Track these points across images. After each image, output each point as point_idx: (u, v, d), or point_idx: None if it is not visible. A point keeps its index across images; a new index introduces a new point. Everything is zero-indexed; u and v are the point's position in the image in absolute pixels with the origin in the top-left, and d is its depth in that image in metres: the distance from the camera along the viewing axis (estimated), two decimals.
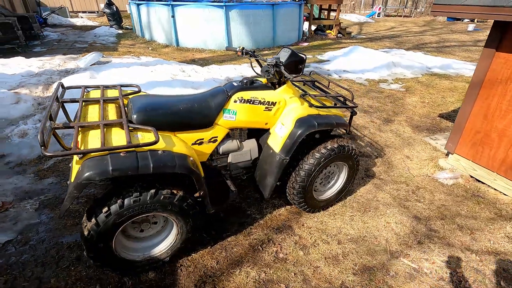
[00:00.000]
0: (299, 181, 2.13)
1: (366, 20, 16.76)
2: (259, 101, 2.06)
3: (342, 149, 2.17)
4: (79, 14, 14.56)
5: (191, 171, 1.61)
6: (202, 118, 1.93)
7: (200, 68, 5.90)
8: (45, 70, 4.99)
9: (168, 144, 1.64)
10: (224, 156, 2.19)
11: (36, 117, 3.67)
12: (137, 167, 1.44)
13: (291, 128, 1.99)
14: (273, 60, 2.00)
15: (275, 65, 2.01)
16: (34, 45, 7.84)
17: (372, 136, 3.69)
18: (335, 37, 10.76)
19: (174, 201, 1.64)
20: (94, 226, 1.49)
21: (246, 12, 7.85)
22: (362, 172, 2.95)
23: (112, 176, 1.39)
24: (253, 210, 2.42)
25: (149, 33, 8.93)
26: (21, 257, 1.91)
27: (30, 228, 2.14)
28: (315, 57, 7.52)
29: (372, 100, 4.88)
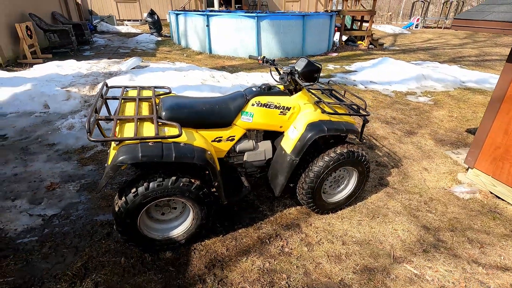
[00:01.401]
0: (308, 181, 2.26)
1: (401, 31, 16.36)
2: (274, 105, 2.24)
3: (352, 154, 2.28)
4: (125, 22, 15.81)
5: (208, 163, 1.83)
6: (221, 118, 2.16)
7: (228, 75, 6.22)
8: (92, 72, 5.60)
9: (190, 139, 1.88)
10: (240, 154, 2.39)
11: (82, 113, 4.16)
12: (162, 156, 1.68)
13: (302, 131, 2.15)
14: (288, 68, 2.18)
15: (289, 73, 2.19)
16: (84, 49, 8.72)
17: (391, 146, 3.70)
18: (366, 48, 10.69)
19: (191, 188, 1.86)
20: (124, 204, 1.76)
21: (276, 22, 8.13)
22: (376, 180, 3.00)
23: (141, 161, 1.65)
24: (264, 207, 2.59)
25: (185, 41, 9.53)
26: (63, 229, 2.24)
27: (71, 206, 2.49)
28: (342, 67, 7.57)
29: (396, 112, 4.85)
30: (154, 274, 1.88)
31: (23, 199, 2.54)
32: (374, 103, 5.19)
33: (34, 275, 1.85)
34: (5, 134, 3.68)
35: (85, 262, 1.95)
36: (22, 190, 2.65)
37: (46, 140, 3.56)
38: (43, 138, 3.59)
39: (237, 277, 1.91)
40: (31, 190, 2.66)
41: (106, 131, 2.00)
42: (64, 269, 1.90)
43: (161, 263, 1.98)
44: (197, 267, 1.96)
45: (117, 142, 1.71)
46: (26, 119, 4.06)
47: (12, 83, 4.60)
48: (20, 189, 2.66)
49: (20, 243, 2.09)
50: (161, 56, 8.08)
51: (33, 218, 2.33)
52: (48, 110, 4.30)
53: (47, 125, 3.92)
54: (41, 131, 3.76)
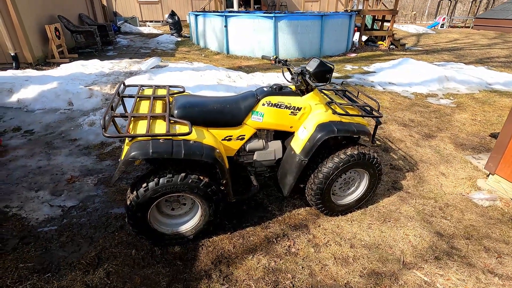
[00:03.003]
0: (317, 182, 2.25)
1: (426, 31, 15.78)
2: (285, 105, 2.25)
3: (363, 156, 2.24)
4: (147, 23, 16.31)
5: (216, 161, 1.87)
6: (231, 118, 2.19)
7: (245, 75, 6.27)
8: (114, 71, 5.82)
9: (200, 137, 1.92)
10: (250, 153, 2.42)
11: (103, 110, 4.34)
12: (171, 152, 1.74)
13: (312, 131, 2.15)
14: (299, 69, 2.18)
15: (300, 73, 2.19)
16: (108, 49, 9.07)
17: (407, 150, 3.60)
18: (386, 48, 10.41)
19: (200, 185, 1.91)
20: (135, 198, 1.83)
21: (294, 22, 8.10)
22: (389, 183, 2.93)
23: (152, 157, 1.71)
24: (273, 207, 2.60)
25: (204, 41, 9.69)
26: (80, 220, 2.36)
27: (89, 198, 2.61)
28: (360, 68, 7.42)
29: (415, 114, 4.70)
30: (162, 267, 1.95)
31: (46, 190, 2.69)
32: (392, 105, 5.06)
33: (52, 262, 1.97)
34: (32, 129, 3.91)
35: (98, 252, 2.05)
36: (45, 182, 2.81)
37: (68, 135, 3.75)
38: (66, 134, 3.79)
39: (242, 274, 1.93)
40: (53, 182, 2.82)
41: (122, 128, 2.09)
42: (79, 257, 2.00)
43: (170, 256, 2.04)
44: (204, 263, 2.00)
45: (130, 138, 1.78)
46: (52, 115, 4.30)
47: (40, 81, 4.88)
48: (43, 181, 2.82)
49: (41, 231, 2.22)
50: (180, 56, 8.26)
51: (53, 208, 2.47)
52: (72, 107, 4.53)
53: (70, 121, 4.12)
54: (65, 127, 3.96)
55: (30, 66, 6.40)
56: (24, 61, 6.39)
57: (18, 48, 6.23)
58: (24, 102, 4.53)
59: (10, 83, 4.73)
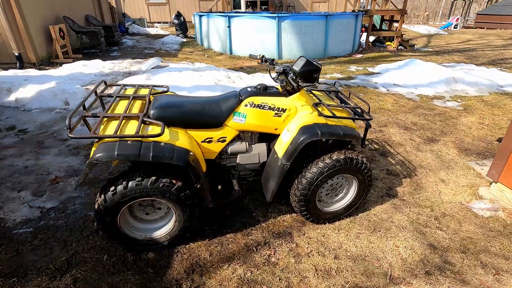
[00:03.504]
0: (300, 188, 2.13)
1: (437, 32, 15.34)
2: (269, 106, 2.14)
3: (350, 161, 2.10)
4: (155, 24, 16.45)
5: (188, 164, 1.77)
6: (211, 119, 2.09)
7: (245, 75, 6.18)
8: (113, 71, 5.83)
9: (173, 138, 1.83)
10: (233, 156, 2.31)
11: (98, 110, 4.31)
12: (139, 155, 1.65)
13: (295, 134, 2.02)
14: (281, 68, 2.06)
15: (282, 72, 2.08)
16: (113, 50, 9.15)
17: (406, 154, 3.42)
18: (395, 49, 10.14)
19: (172, 190, 1.81)
20: (103, 202, 1.75)
21: (297, 22, 7.96)
22: (384, 190, 2.77)
23: (117, 159, 1.63)
24: (258, 212, 2.48)
25: (207, 42, 9.66)
26: (57, 222, 2.30)
27: (70, 200, 2.56)
28: (365, 69, 7.22)
29: (418, 117, 4.50)
30: (132, 275, 1.86)
31: (28, 191, 2.65)
32: (395, 107, 4.86)
33: (21, 266, 1.91)
34: (26, 128, 3.92)
35: (69, 257, 1.98)
36: (29, 182, 2.78)
37: (60, 135, 3.73)
38: (59, 133, 3.77)
39: (215, 284, 1.82)
40: (37, 182, 2.78)
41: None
42: (49, 262, 1.93)
43: (142, 263, 1.95)
44: (177, 271, 1.91)
45: (97, 139, 1.71)
46: (47, 115, 4.30)
47: (39, 81, 4.91)
48: (27, 181, 2.79)
49: (16, 233, 2.17)
50: (183, 57, 8.25)
51: (32, 210, 2.43)
52: (68, 107, 4.53)
53: (64, 121, 4.11)
54: (58, 126, 3.95)
55: (34, 66, 6.48)
56: (28, 61, 6.49)
57: (22, 48, 6.32)
58: (22, 102, 4.56)
59: (10, 83, 4.78)
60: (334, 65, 7.72)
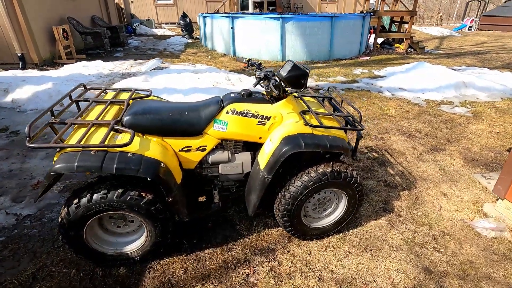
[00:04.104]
0: (284, 203, 1.97)
1: (450, 33, 14.88)
2: (252, 114, 2.00)
3: (337, 175, 1.94)
4: (162, 25, 16.51)
5: (157, 177, 1.64)
6: (189, 126, 1.96)
7: (245, 78, 6.05)
8: (112, 73, 5.79)
9: (143, 148, 1.71)
10: (214, 166, 2.17)
11: None
12: (101, 167, 1.53)
13: (276, 145, 1.87)
14: (262, 73, 1.92)
15: (264, 78, 1.93)
16: (117, 51, 9.16)
17: (407, 164, 3.21)
18: (404, 51, 9.83)
19: (141, 203, 1.69)
20: (66, 215, 1.64)
21: (302, 24, 7.78)
22: (379, 203, 2.58)
23: (77, 171, 1.51)
24: (242, 225, 2.34)
25: (211, 43, 9.58)
26: (31, 231, 2.21)
27: (49, 207, 2.47)
28: (370, 72, 6.98)
29: (423, 124, 4.27)
30: None
31: (8, 196, 2.58)
32: (398, 113, 4.64)
33: None
34: (18, 130, 3.88)
35: (36, 270, 1.88)
36: (10, 187, 2.70)
37: (51, 137, 3.67)
38: (49, 136, 3.71)
39: None
40: (18, 187, 2.71)
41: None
42: (14, 275, 1.84)
43: (110, 280, 1.83)
44: None
45: (58, 149, 1.60)
46: None
47: (37, 82, 4.89)
48: (9, 186, 2.72)
49: None
50: (185, 58, 8.18)
51: (8, 217, 2.35)
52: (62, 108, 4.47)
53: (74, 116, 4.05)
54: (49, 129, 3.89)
55: (36, 66, 6.51)
56: (31, 61, 6.52)
57: (24, 49, 6.36)
58: (18, 102, 4.54)
59: (7, 83, 4.78)
60: (338, 68, 7.51)
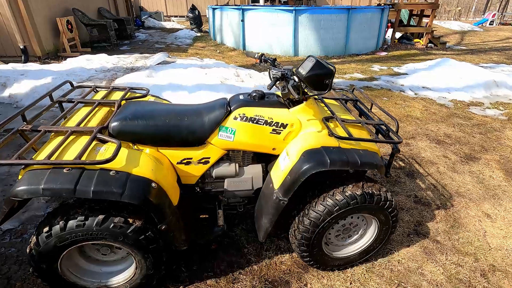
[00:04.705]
0: (302, 230, 1.63)
1: (471, 28, 14.10)
2: (265, 120, 1.65)
3: (369, 198, 1.58)
4: (171, 18, 16.19)
5: (146, 202, 1.31)
6: (189, 134, 1.63)
7: (256, 73, 5.68)
8: (116, 67, 5.50)
9: (130, 164, 1.38)
10: (219, 180, 1.84)
11: None
12: (74, 190, 1.21)
13: (295, 161, 1.52)
14: (278, 72, 1.56)
15: (281, 78, 1.57)
16: (124, 44, 8.89)
17: (439, 176, 2.81)
18: (423, 47, 9.26)
19: (127, 232, 1.37)
20: (35, 246, 1.33)
21: (316, 16, 7.33)
22: (411, 225, 2.21)
23: (44, 196, 1.20)
24: (250, 249, 2.00)
25: (220, 37, 9.21)
26: (9, 250, 1.93)
27: (32, 220, 2.19)
28: (390, 69, 6.50)
29: (452, 128, 3.83)
30: None
31: None
32: (424, 115, 4.21)
33: None
34: (13, 128, 3.62)
35: None
36: None
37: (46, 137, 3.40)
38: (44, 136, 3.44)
39: None
40: (3, 195, 2.44)
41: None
42: None
43: None
44: None
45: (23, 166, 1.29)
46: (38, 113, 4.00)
47: (35, 76, 4.64)
48: None
49: None
50: (192, 52, 7.84)
51: None
52: None
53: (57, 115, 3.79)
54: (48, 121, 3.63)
55: (39, 60, 6.28)
56: (33, 54, 6.29)
57: (27, 41, 6.13)
58: (15, 98, 4.30)
59: (5, 77, 4.54)
60: (355, 64, 7.04)
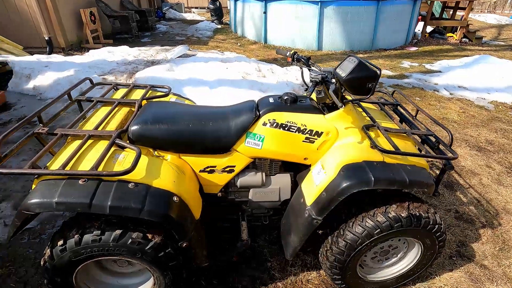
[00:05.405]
0: (335, 252, 1.46)
1: (510, 22, 13.10)
2: (297, 128, 1.47)
3: (416, 221, 1.38)
4: (192, 10, 16.08)
5: (167, 218, 1.19)
6: (214, 141, 1.49)
7: (278, 69, 5.46)
8: (136, 60, 5.44)
9: (150, 175, 1.25)
10: (244, 190, 1.70)
11: None
12: (89, 205, 1.10)
13: (332, 176, 1.34)
14: (319, 74, 1.37)
15: (321, 81, 1.38)
16: (145, 35, 8.87)
17: (483, 189, 2.54)
18: (457, 42, 8.65)
19: (146, 248, 1.25)
20: (49, 258, 1.24)
21: (343, 9, 6.95)
22: (453, 246, 1.99)
23: (57, 211, 1.09)
24: (274, 263, 1.86)
25: (241, 29, 9.00)
26: (27, 251, 1.88)
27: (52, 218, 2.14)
28: (421, 66, 6.09)
29: (495, 134, 3.49)
30: None
31: (10, 202, 2.29)
32: (462, 118, 3.87)
33: None
34: (35, 121, 3.64)
35: None
36: (15, 190, 2.42)
37: None
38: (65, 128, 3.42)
39: None
40: (23, 191, 2.42)
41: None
42: None
43: None
44: None
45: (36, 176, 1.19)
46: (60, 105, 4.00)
47: (59, 68, 4.65)
48: (14, 188, 2.44)
49: None
50: (213, 45, 7.70)
51: (6, 229, 2.04)
52: None
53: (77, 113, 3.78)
54: (68, 120, 3.62)
55: (63, 51, 6.35)
56: (58, 46, 6.36)
57: (52, 32, 6.18)
58: (39, 90, 4.33)
59: (30, 69, 4.58)
60: (382, 59, 6.66)
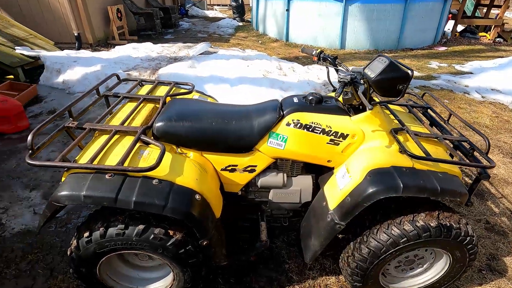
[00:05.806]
0: (358, 258, 1.41)
1: None
2: (322, 129, 1.44)
3: (446, 232, 1.31)
4: (214, 7, 16.19)
5: (189, 217, 1.19)
6: (236, 140, 1.48)
7: (299, 67, 5.39)
8: (159, 56, 5.55)
9: (173, 171, 1.26)
10: (264, 190, 1.68)
11: None
12: (115, 199, 1.12)
13: (358, 181, 1.30)
14: (348, 75, 1.32)
15: (350, 83, 1.33)
16: (168, 32, 9.02)
17: None
18: (490, 42, 8.19)
19: (167, 244, 1.26)
20: (75, 249, 1.28)
21: (369, 6, 6.74)
22: (483, 258, 1.88)
23: (85, 204, 1.12)
24: (292, 265, 1.83)
25: (263, 27, 8.95)
26: (53, 239, 1.96)
27: (78, 208, 2.22)
28: (451, 67, 5.81)
29: None
30: None
31: (39, 191, 2.40)
32: (494, 123, 3.65)
33: None
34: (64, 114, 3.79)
35: None
36: (44, 180, 2.53)
37: None
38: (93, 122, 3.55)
39: None
40: (52, 181, 2.52)
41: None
42: None
43: None
44: None
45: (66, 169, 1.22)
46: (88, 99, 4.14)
47: (86, 63, 4.82)
48: (43, 178, 2.55)
49: (7, 248, 1.88)
50: (234, 42, 7.71)
51: (35, 217, 2.14)
52: None
53: (103, 107, 3.91)
54: (94, 114, 3.75)
55: (91, 47, 6.58)
56: (86, 41, 6.59)
57: (81, 28, 6.41)
58: (68, 84, 4.51)
59: (60, 63, 4.77)
60: (409, 59, 6.41)
